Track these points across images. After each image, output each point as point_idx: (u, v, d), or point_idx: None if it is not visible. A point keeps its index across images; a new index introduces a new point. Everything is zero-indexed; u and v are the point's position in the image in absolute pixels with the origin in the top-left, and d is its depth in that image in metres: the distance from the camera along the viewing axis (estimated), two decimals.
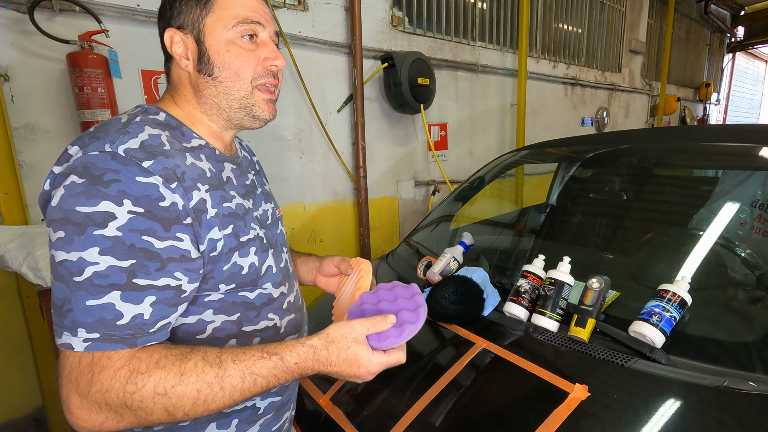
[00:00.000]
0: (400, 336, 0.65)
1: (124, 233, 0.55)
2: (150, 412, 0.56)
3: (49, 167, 0.62)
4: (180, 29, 0.69)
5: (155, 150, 0.61)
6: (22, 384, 1.84)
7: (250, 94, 0.71)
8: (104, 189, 0.55)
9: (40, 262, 1.47)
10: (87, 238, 0.54)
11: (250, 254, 0.71)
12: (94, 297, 0.54)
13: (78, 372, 0.55)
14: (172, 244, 0.59)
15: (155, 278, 0.58)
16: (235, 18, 0.68)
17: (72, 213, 0.55)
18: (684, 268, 1.09)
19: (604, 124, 5.11)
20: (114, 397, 0.54)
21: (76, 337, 0.54)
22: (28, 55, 1.68)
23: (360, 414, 0.94)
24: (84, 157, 0.57)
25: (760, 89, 10.79)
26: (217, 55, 0.69)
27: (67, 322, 0.55)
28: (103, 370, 0.55)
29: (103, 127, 0.62)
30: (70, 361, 0.55)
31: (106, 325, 0.55)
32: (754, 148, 1.31)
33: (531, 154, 1.96)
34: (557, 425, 0.76)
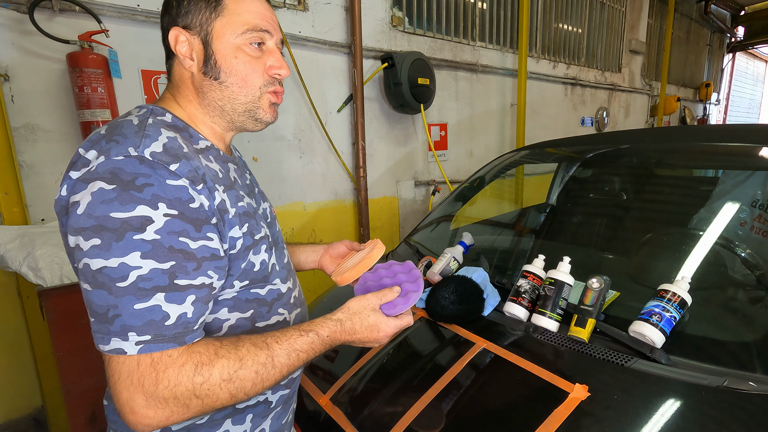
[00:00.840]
0: (407, 302, 0.76)
1: (162, 236, 0.56)
2: (216, 398, 0.59)
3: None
4: (186, 29, 0.69)
5: (177, 153, 0.61)
6: (22, 384, 1.84)
7: (258, 99, 0.72)
8: (138, 194, 0.56)
9: (40, 262, 1.47)
10: (127, 243, 0.54)
11: (261, 252, 0.73)
12: (141, 300, 0.55)
13: (140, 373, 0.56)
14: (204, 244, 0.61)
15: (193, 278, 0.59)
16: (245, 25, 0.68)
17: (107, 219, 0.54)
18: (684, 268, 1.09)
19: (604, 124, 5.11)
20: (183, 389, 0.57)
21: (127, 341, 0.55)
22: (28, 55, 1.68)
23: (360, 414, 0.94)
24: (108, 162, 0.57)
25: (760, 89, 10.79)
26: (224, 59, 0.69)
27: (116, 328, 0.55)
28: (167, 368, 0.57)
29: (117, 130, 0.61)
30: (126, 366, 0.56)
31: (156, 326, 0.56)
32: (754, 148, 1.31)
33: (531, 154, 1.96)
34: (557, 425, 0.76)
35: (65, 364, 1.47)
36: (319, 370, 1.12)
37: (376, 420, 0.91)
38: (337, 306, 0.75)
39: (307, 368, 1.14)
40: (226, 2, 0.68)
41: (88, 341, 1.66)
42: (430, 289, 1.22)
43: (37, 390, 1.86)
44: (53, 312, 1.44)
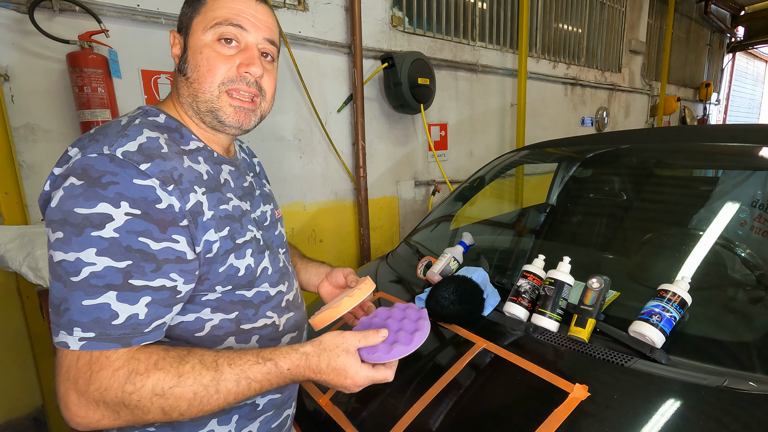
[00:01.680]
0: (387, 353, 0.66)
1: (121, 234, 0.56)
2: (147, 412, 0.57)
3: (50, 167, 0.63)
4: (178, 31, 0.73)
5: (153, 153, 0.61)
6: (22, 384, 1.84)
7: (217, 98, 0.69)
8: (102, 191, 0.56)
9: (40, 262, 1.47)
10: (84, 239, 0.55)
11: (246, 256, 0.71)
12: (90, 297, 0.55)
13: (76, 370, 0.55)
14: (168, 246, 0.60)
15: (151, 279, 0.58)
16: (214, 19, 0.68)
17: (70, 214, 0.55)
18: (684, 268, 1.09)
19: (604, 124, 5.11)
20: (112, 395, 0.55)
21: (71, 336, 0.55)
22: (28, 55, 1.68)
23: (360, 414, 0.94)
24: (83, 159, 0.58)
25: (760, 89, 10.79)
26: (192, 55, 0.69)
27: (64, 321, 0.55)
28: (102, 369, 0.56)
29: (102, 130, 0.63)
30: (67, 360, 0.56)
31: (102, 324, 0.55)
32: (754, 148, 1.31)
33: (531, 154, 1.96)
34: (557, 425, 0.76)
35: None
36: None
37: (376, 420, 0.91)
38: None
39: None
40: (206, 1, 0.69)
41: None
42: (430, 289, 1.22)
43: (37, 390, 1.86)
44: None
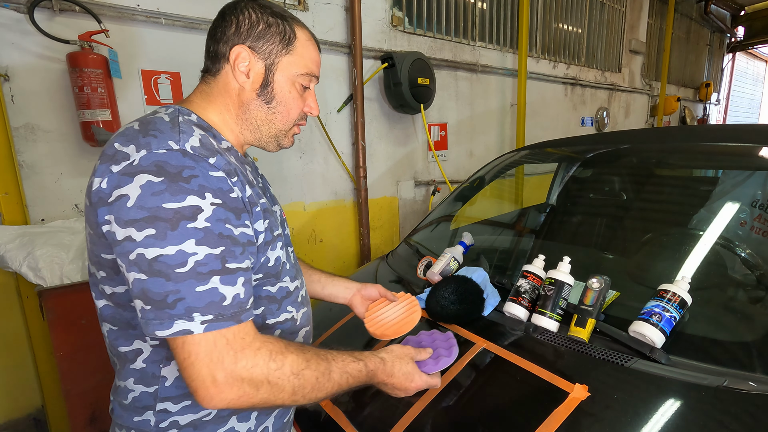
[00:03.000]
0: (436, 365, 0.86)
1: (212, 223, 0.60)
2: (281, 390, 0.63)
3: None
4: (252, 50, 0.74)
5: (211, 148, 0.66)
6: (22, 384, 1.84)
7: (287, 130, 0.81)
8: (186, 185, 0.59)
9: (40, 262, 1.47)
10: (181, 232, 0.58)
11: (277, 248, 0.77)
12: (201, 284, 0.58)
13: (218, 352, 0.59)
14: (243, 231, 0.65)
15: (240, 261, 0.63)
16: (305, 68, 0.78)
17: (159, 210, 0.57)
18: (684, 268, 1.09)
19: (604, 124, 5.11)
20: (259, 372, 0.61)
21: (192, 322, 0.58)
22: (28, 55, 1.68)
23: (360, 414, 0.94)
24: (151, 155, 0.59)
25: (760, 89, 10.79)
26: (279, 90, 0.77)
27: (178, 311, 0.57)
28: (244, 348, 0.61)
29: (152, 127, 0.64)
30: (202, 345, 0.59)
31: (215, 306, 0.59)
32: (754, 148, 1.30)
33: (531, 154, 1.96)
34: (557, 425, 0.76)
35: (65, 365, 1.47)
36: None
37: (376, 420, 0.91)
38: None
39: None
40: (296, 44, 0.76)
41: (88, 341, 1.66)
42: (430, 289, 1.22)
43: (37, 390, 1.86)
44: (53, 312, 1.44)
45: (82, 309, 1.49)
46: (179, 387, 0.69)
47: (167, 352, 0.69)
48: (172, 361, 0.69)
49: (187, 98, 0.78)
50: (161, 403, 0.69)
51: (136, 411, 0.70)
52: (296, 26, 0.77)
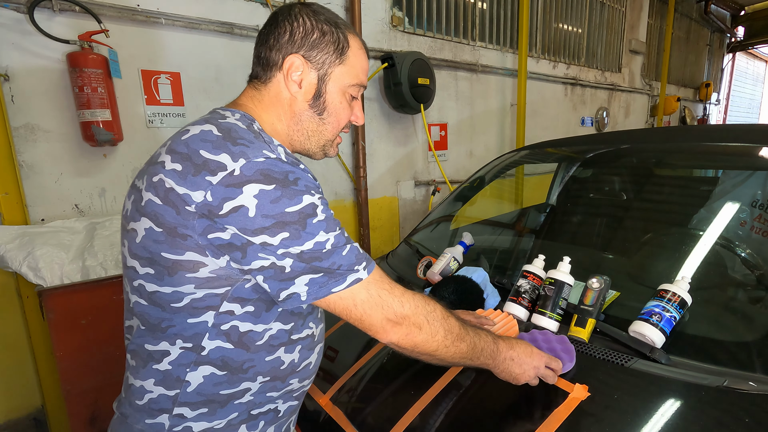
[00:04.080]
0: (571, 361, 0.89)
1: (326, 214, 0.67)
2: (437, 331, 0.72)
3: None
4: (306, 60, 0.74)
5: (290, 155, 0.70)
6: (22, 384, 1.84)
7: (333, 138, 0.82)
8: (296, 187, 0.63)
9: (40, 262, 1.47)
10: (311, 228, 0.64)
11: None
12: (343, 249, 0.67)
13: (381, 300, 0.69)
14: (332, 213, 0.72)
15: (345, 233, 0.71)
16: (356, 79, 0.78)
17: (285, 215, 0.62)
18: (684, 268, 1.09)
19: (604, 124, 5.11)
20: (422, 312, 0.71)
21: (356, 272, 0.68)
22: (28, 55, 1.68)
23: (360, 414, 0.94)
24: (252, 165, 0.61)
25: (760, 89, 10.79)
26: (331, 101, 0.78)
27: (344, 270, 0.67)
28: (402, 294, 0.71)
29: (238, 136, 0.64)
30: (366, 296, 0.68)
31: (362, 259, 0.69)
32: (754, 148, 1.30)
33: (531, 154, 1.96)
34: (557, 425, 0.76)
35: (65, 364, 1.47)
36: (320, 370, 1.12)
37: (376, 420, 0.91)
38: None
39: None
40: (349, 54, 0.76)
41: (88, 341, 1.66)
42: (430, 289, 1.22)
43: (37, 390, 1.86)
44: (53, 312, 1.44)
45: (82, 309, 1.49)
46: (200, 394, 0.69)
47: (197, 357, 0.67)
48: (199, 366, 0.68)
49: (239, 102, 0.77)
50: (179, 408, 0.69)
51: (150, 413, 0.69)
52: (349, 34, 0.76)
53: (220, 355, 0.68)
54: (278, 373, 0.75)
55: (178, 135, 0.67)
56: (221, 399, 0.70)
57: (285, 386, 0.77)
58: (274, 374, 0.74)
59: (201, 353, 0.67)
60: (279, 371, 0.74)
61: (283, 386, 0.77)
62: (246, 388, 0.72)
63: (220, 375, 0.69)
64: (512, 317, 1.07)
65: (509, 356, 0.81)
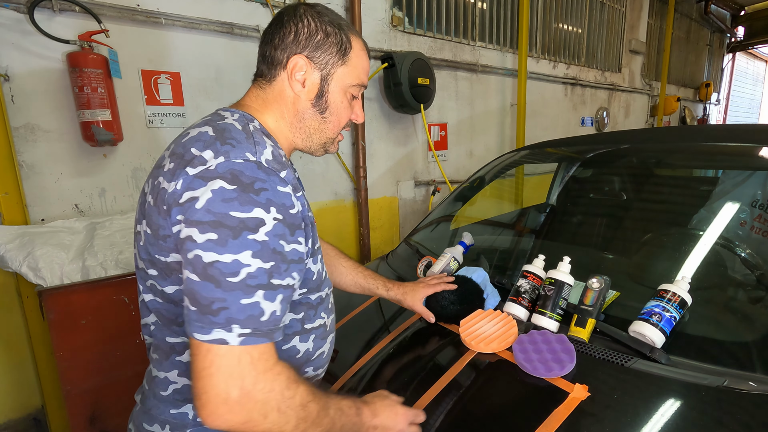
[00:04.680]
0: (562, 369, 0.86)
1: (270, 238, 0.60)
2: (287, 421, 0.60)
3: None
4: (310, 60, 0.75)
5: (281, 160, 0.67)
6: (22, 384, 1.84)
7: (335, 136, 0.83)
8: (255, 197, 0.60)
9: (40, 262, 1.47)
10: (242, 242, 0.58)
11: (318, 261, 0.78)
12: (247, 296, 0.58)
13: (240, 369, 0.58)
14: (294, 248, 0.65)
15: (283, 278, 0.63)
16: (358, 79, 0.79)
17: (226, 217, 0.58)
18: (684, 268, 1.09)
19: (604, 124, 5.11)
20: (275, 397, 0.59)
21: (230, 333, 0.57)
22: (28, 55, 1.68)
23: None
24: (228, 164, 0.61)
25: (760, 89, 10.79)
26: (333, 100, 0.78)
27: (220, 320, 0.57)
28: (266, 371, 0.59)
29: (228, 135, 0.65)
30: (227, 358, 0.57)
31: (254, 321, 0.59)
32: (754, 148, 1.31)
33: (531, 154, 1.96)
34: (557, 425, 0.76)
35: (65, 364, 1.47)
36: None
37: None
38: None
39: None
40: (351, 54, 0.77)
41: (88, 341, 1.66)
42: None
43: (37, 390, 1.86)
44: (53, 312, 1.44)
45: (82, 309, 1.49)
46: None
47: None
48: None
49: (242, 102, 0.79)
50: None
51: (175, 404, 0.71)
52: (351, 35, 0.77)
53: None
54: (294, 361, 0.77)
55: (179, 138, 0.69)
56: None
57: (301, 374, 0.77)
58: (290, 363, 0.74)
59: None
60: (295, 360, 0.77)
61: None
62: None
63: None
64: (512, 317, 1.07)
65: (373, 425, 0.75)
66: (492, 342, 0.98)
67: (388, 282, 1.17)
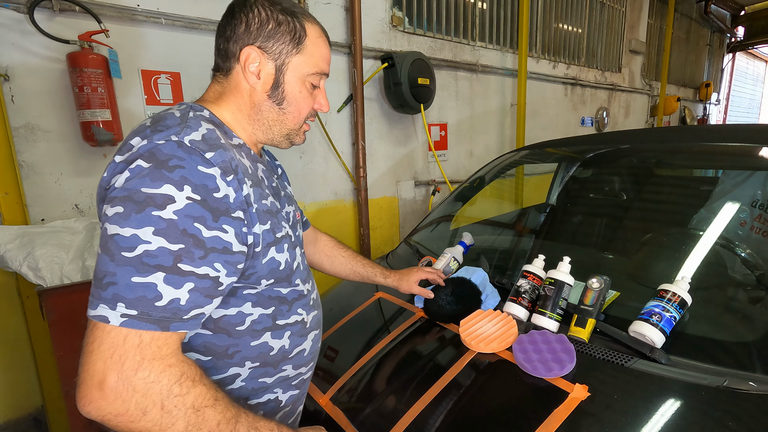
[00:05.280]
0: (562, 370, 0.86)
1: (179, 217, 0.57)
2: (173, 423, 0.55)
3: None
4: (263, 50, 0.73)
5: (215, 143, 0.64)
6: (22, 384, 1.84)
7: (299, 127, 0.81)
8: (168, 173, 0.57)
9: (40, 262, 1.47)
10: (144, 217, 0.55)
11: (284, 250, 0.75)
12: (140, 274, 0.55)
13: (123, 351, 0.53)
14: (217, 235, 0.61)
15: (197, 266, 0.59)
16: (316, 67, 0.77)
17: (135, 192, 0.56)
18: (684, 268, 1.09)
19: (604, 124, 5.11)
20: (159, 390, 0.54)
21: (114, 311, 0.54)
22: (28, 55, 1.68)
23: (360, 414, 0.94)
24: (150, 145, 0.60)
25: (760, 89, 10.79)
26: (290, 91, 0.76)
27: (107, 295, 0.55)
28: (154, 359, 0.55)
29: (160, 122, 0.65)
30: (111, 337, 0.54)
31: (145, 303, 0.55)
32: (754, 148, 1.31)
33: (531, 154, 1.96)
34: (557, 425, 0.76)
35: (65, 365, 1.47)
36: (319, 370, 1.12)
37: (376, 420, 0.91)
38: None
39: None
40: (307, 42, 0.75)
41: None
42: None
43: (37, 390, 1.86)
44: (53, 312, 1.44)
45: (82, 309, 1.47)
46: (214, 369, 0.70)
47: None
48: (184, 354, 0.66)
49: (202, 97, 0.79)
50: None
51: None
52: (307, 22, 0.75)
53: (201, 342, 0.68)
54: (268, 358, 0.75)
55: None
56: None
57: (278, 372, 0.77)
58: (263, 360, 0.74)
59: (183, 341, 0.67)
60: (269, 357, 0.75)
61: (275, 372, 0.77)
62: (235, 374, 0.72)
63: (206, 360, 0.69)
64: (512, 318, 1.07)
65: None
66: (492, 342, 0.99)
67: (386, 270, 1.21)
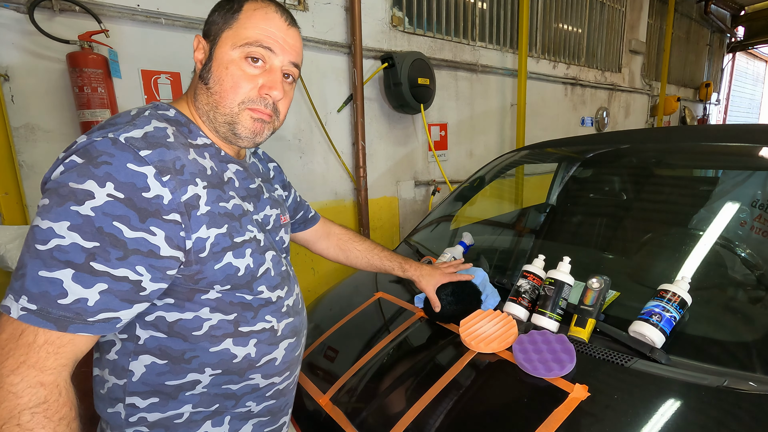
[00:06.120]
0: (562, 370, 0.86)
1: (96, 214, 0.55)
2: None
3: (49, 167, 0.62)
4: (205, 36, 0.73)
5: (158, 141, 0.62)
6: None
7: (237, 114, 0.71)
8: (94, 169, 0.56)
9: None
10: (63, 211, 0.55)
11: (245, 256, 0.71)
12: (47, 269, 0.53)
13: (14, 346, 0.53)
14: (143, 236, 0.58)
15: (114, 267, 0.56)
16: (245, 39, 0.69)
17: (62, 186, 0.56)
18: (684, 268, 1.09)
19: (604, 124, 5.11)
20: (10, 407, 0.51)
21: (16, 303, 0.53)
22: (28, 55, 1.68)
23: (360, 414, 0.94)
24: (87, 141, 0.59)
25: (760, 89, 10.79)
26: (217, 67, 0.70)
27: (16, 286, 0.54)
28: (33, 367, 0.53)
29: (112, 120, 0.65)
30: (10, 329, 0.53)
31: (47, 300, 0.53)
32: (754, 148, 1.31)
33: (531, 154, 1.96)
34: (557, 425, 0.76)
35: None
36: (319, 370, 1.12)
37: (376, 420, 0.91)
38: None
39: (307, 368, 1.14)
40: (240, 16, 0.70)
41: None
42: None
43: None
44: None
45: None
46: (146, 383, 0.68)
47: (135, 346, 0.67)
48: (139, 356, 0.68)
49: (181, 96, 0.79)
50: (130, 397, 0.69)
51: (110, 402, 0.71)
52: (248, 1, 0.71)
53: (156, 345, 0.67)
54: (231, 366, 0.72)
55: None
56: (169, 390, 0.69)
57: (244, 381, 0.74)
58: (225, 367, 0.71)
59: (138, 343, 0.67)
60: (232, 364, 0.72)
61: (241, 380, 0.74)
62: (195, 380, 0.70)
63: (161, 364, 0.68)
64: (512, 318, 1.07)
65: None
66: (492, 342, 0.98)
67: (405, 263, 1.17)
